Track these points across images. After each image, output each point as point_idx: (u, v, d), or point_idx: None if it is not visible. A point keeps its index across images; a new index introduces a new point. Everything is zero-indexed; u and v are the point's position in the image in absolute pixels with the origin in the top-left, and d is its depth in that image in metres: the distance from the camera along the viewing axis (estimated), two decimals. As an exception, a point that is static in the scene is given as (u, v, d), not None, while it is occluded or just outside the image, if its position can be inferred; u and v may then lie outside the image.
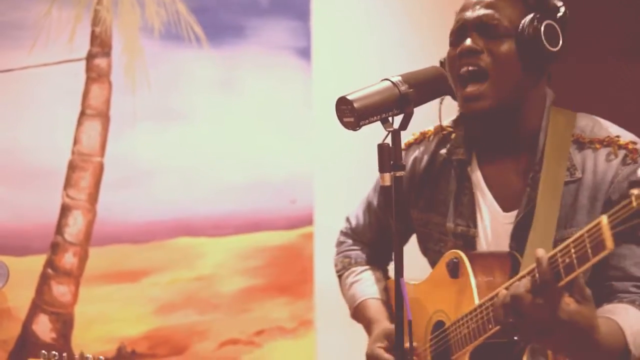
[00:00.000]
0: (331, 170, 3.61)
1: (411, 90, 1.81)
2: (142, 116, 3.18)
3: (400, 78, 1.83)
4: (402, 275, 1.80)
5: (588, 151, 2.03)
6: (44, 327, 3.03)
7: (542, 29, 1.98)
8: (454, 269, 2.06)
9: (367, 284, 2.42)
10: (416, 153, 2.31)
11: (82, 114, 3.09)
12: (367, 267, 2.47)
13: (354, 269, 2.47)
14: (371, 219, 2.46)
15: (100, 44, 3.10)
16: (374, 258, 2.49)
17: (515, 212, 2.08)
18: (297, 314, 3.53)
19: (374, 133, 1.82)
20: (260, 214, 3.43)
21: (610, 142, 2.02)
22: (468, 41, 2.03)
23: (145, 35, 3.16)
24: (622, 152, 2.00)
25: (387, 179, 1.77)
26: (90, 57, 3.08)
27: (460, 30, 2.07)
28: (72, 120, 3.08)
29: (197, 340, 3.31)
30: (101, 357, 2.16)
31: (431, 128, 2.32)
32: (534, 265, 1.76)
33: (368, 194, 2.49)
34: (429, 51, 3.86)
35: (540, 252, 1.74)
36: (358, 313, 2.40)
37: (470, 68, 2.02)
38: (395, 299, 1.82)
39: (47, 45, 3.01)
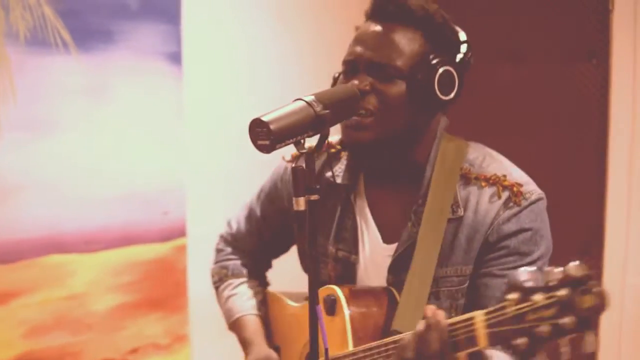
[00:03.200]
0: (203, 180, 3.51)
1: (327, 111, 1.72)
2: (7, 127, 2.95)
3: (313, 97, 1.74)
4: (317, 303, 1.73)
5: (473, 188, 1.98)
6: None
7: (437, 77, 1.92)
8: (331, 307, 2.00)
9: (243, 299, 2.36)
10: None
11: (-57, 126, 2.85)
12: (244, 279, 2.41)
13: (230, 281, 2.41)
14: (252, 227, 2.40)
15: (-38, 51, 2.87)
16: (252, 268, 2.43)
17: (395, 245, 2.03)
18: (172, 329, 3.40)
19: (244, 143, 1.73)
20: (132, 227, 3.28)
21: (495, 181, 1.97)
22: (356, 82, 1.94)
23: (10, 41, 2.94)
24: (505, 194, 1.95)
25: (302, 203, 1.70)
26: (-49, 65, 2.85)
27: (351, 64, 1.98)
28: None
29: (70, 363, 3.13)
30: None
31: None
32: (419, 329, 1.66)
33: (251, 201, 2.41)
34: (302, 54, 3.84)
35: (440, 314, 1.65)
36: (234, 329, 2.35)
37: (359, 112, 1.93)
38: (309, 326, 1.74)
39: None
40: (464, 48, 1.99)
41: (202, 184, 3.50)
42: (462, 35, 2.01)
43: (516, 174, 2.00)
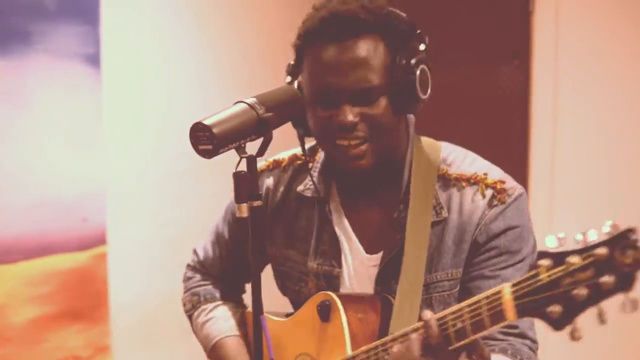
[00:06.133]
0: (124, 185, 3.39)
1: (271, 114, 1.66)
2: None
3: (255, 100, 1.67)
4: (262, 312, 1.66)
5: (453, 189, 1.93)
6: None
7: (417, 79, 1.84)
8: (325, 312, 1.92)
9: (220, 321, 2.20)
10: (269, 183, 2.14)
11: None
12: (218, 302, 2.25)
13: (204, 307, 2.24)
14: (221, 251, 2.26)
15: None
16: (226, 292, 2.29)
17: (380, 254, 1.96)
18: (93, 340, 3.28)
19: (165, 147, 1.66)
20: (51, 235, 3.14)
21: (477, 181, 1.92)
22: (342, 116, 1.83)
23: None
24: (489, 192, 1.90)
25: (244, 209, 1.62)
26: None
27: (330, 96, 1.85)
28: None
29: (-12, 379, 2.99)
30: None
31: (285, 156, 2.15)
32: (418, 324, 1.65)
33: (217, 224, 2.26)
34: (220, 56, 3.76)
35: (428, 315, 1.63)
36: (214, 354, 2.17)
37: (352, 142, 1.84)
38: (254, 338, 1.68)
39: None
40: (420, 37, 1.91)
41: (123, 189, 3.38)
42: (413, 26, 1.91)
43: (496, 172, 1.95)
